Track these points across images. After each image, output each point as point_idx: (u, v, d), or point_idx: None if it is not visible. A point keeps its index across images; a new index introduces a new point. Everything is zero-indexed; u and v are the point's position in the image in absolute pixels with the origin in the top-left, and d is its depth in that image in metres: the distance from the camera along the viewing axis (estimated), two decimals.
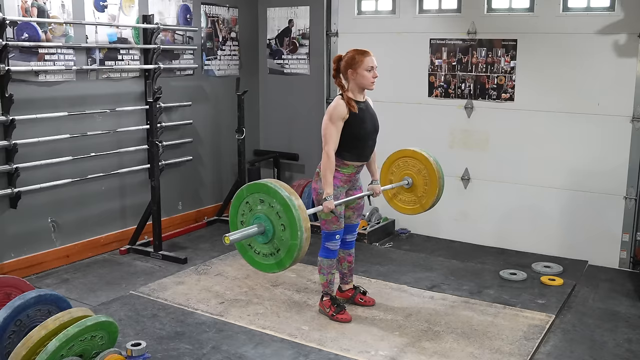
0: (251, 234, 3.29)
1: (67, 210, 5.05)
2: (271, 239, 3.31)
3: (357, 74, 3.88)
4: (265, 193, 3.27)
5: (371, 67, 3.88)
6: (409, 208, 4.54)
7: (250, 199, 3.34)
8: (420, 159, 4.42)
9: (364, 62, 3.86)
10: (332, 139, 3.85)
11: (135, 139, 5.50)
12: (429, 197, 4.44)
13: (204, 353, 3.62)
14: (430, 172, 4.39)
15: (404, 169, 4.50)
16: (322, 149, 3.90)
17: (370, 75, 3.88)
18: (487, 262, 5.25)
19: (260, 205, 3.30)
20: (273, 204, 3.25)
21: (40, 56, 4.68)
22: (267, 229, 3.30)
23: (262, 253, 3.38)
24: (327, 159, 3.83)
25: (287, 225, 3.23)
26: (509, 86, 5.44)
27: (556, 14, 5.17)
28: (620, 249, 5.17)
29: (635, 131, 5.00)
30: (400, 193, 4.55)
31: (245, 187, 3.37)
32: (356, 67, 3.87)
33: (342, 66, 3.93)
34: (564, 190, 5.34)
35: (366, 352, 3.65)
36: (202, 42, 6.14)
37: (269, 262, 3.36)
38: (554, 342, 3.84)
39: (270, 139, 6.89)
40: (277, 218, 3.25)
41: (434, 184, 4.40)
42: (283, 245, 3.28)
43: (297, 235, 3.20)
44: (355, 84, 3.92)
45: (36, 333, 3.00)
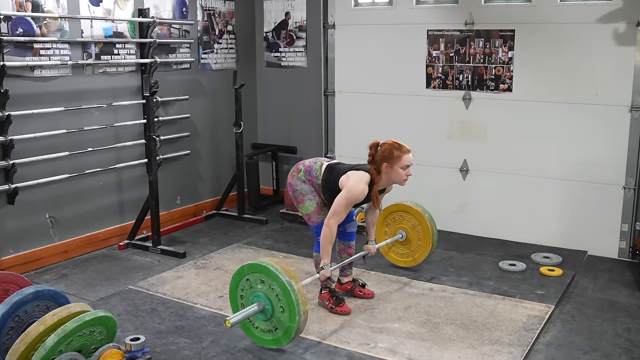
0: (251, 314, 3.39)
1: (65, 205, 5.04)
2: (270, 318, 3.40)
3: (391, 170, 3.79)
4: (266, 275, 3.35)
5: (407, 165, 3.79)
6: (403, 260, 4.76)
7: (251, 277, 3.41)
8: (416, 215, 4.60)
9: (402, 159, 3.76)
10: (339, 216, 3.81)
11: (132, 134, 5.48)
12: (421, 252, 4.65)
13: (203, 347, 3.62)
14: (424, 229, 4.58)
15: (399, 222, 4.69)
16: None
17: (404, 173, 3.80)
18: (486, 253, 5.25)
19: (260, 285, 3.39)
20: (273, 286, 3.33)
21: (36, 51, 4.66)
22: (267, 308, 3.38)
23: (260, 328, 3.48)
24: (329, 231, 3.79)
25: (286, 309, 3.31)
26: (507, 77, 5.43)
27: (554, 4, 5.14)
28: (620, 239, 5.16)
29: (634, 121, 4.99)
30: (395, 246, 4.75)
31: (247, 265, 3.43)
32: (392, 163, 3.77)
33: (378, 157, 3.82)
34: (562, 181, 5.33)
35: (365, 344, 3.65)
36: (199, 36, 6.11)
37: (267, 338, 3.47)
38: (554, 333, 3.84)
39: (268, 132, 6.88)
40: (276, 300, 3.34)
41: (427, 240, 4.59)
42: (281, 326, 3.38)
43: (295, 319, 3.30)
44: (387, 177, 3.84)
45: (34, 329, 2.99)
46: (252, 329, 3.51)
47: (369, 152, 3.87)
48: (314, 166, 4.03)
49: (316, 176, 3.98)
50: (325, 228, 3.81)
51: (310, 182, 4.00)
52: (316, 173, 3.99)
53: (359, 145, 5.01)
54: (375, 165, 3.84)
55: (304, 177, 4.02)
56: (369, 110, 6.12)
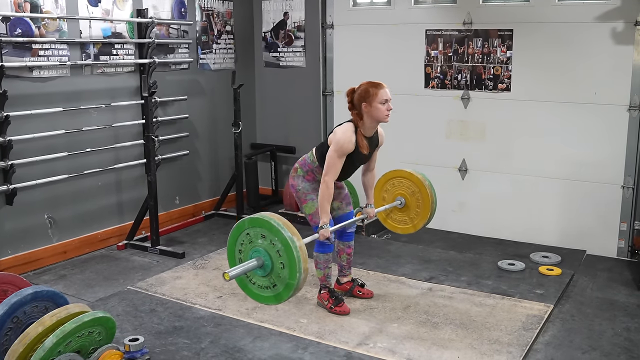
0: (250, 269, 3.31)
1: (64, 206, 5.03)
2: (269, 273, 3.33)
3: (371, 108, 3.79)
4: (268, 230, 3.28)
5: (385, 100, 3.79)
6: (401, 227, 4.62)
7: (252, 231, 3.35)
8: (416, 182, 4.47)
9: (378, 95, 3.77)
10: (333, 170, 3.80)
11: (131, 134, 5.48)
12: (420, 219, 4.52)
13: (202, 347, 3.62)
14: (423, 196, 4.46)
15: (398, 188, 4.56)
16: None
17: (384, 108, 3.79)
18: (485, 253, 5.25)
19: (261, 240, 3.32)
20: (274, 241, 3.26)
21: (34, 52, 4.66)
22: (266, 263, 3.32)
23: (258, 284, 3.41)
24: (326, 188, 3.78)
25: (287, 265, 3.25)
26: (506, 76, 5.43)
27: (552, 3, 5.14)
28: (619, 238, 5.16)
29: (632, 120, 4.99)
30: (393, 212, 4.63)
31: (248, 219, 3.36)
32: (370, 100, 3.78)
33: (356, 99, 3.83)
34: (561, 180, 5.34)
35: (365, 344, 3.65)
36: (197, 36, 6.11)
37: (266, 295, 3.39)
38: (553, 332, 3.84)
39: (266, 132, 6.87)
40: (277, 256, 3.28)
41: (426, 207, 4.47)
42: (281, 282, 3.31)
43: (295, 276, 3.23)
44: (369, 117, 3.84)
45: (33, 330, 2.98)
46: (249, 285, 3.42)
47: (347, 99, 3.90)
48: (306, 156, 4.06)
49: (311, 161, 3.99)
50: (322, 185, 3.80)
51: (310, 174, 3.99)
52: (310, 159, 4.01)
53: None
54: (356, 109, 3.85)
55: (302, 173, 4.02)
56: None
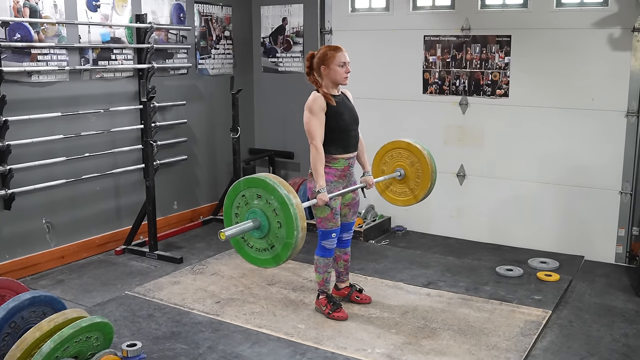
0: (247, 229, 3.25)
1: (62, 211, 5.03)
2: (266, 235, 3.28)
3: (329, 70, 3.89)
4: (264, 189, 3.24)
5: (343, 62, 3.89)
6: (401, 199, 4.53)
7: (247, 192, 3.30)
8: (414, 151, 4.40)
9: (336, 57, 3.88)
10: (317, 131, 3.84)
11: (129, 139, 5.48)
12: (421, 189, 4.43)
13: (200, 353, 3.61)
14: (423, 166, 4.38)
15: (397, 159, 4.48)
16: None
17: (342, 71, 3.89)
18: (483, 259, 5.25)
19: (257, 200, 3.27)
20: (270, 200, 3.21)
21: (33, 56, 4.66)
22: (263, 224, 3.26)
23: (255, 247, 3.35)
24: (316, 151, 3.82)
25: (284, 224, 3.20)
26: (504, 82, 5.44)
27: (550, 10, 5.16)
28: (616, 244, 5.17)
29: (630, 126, 5.00)
30: (393, 184, 4.54)
31: (243, 180, 3.32)
32: (328, 62, 3.88)
33: (315, 63, 3.94)
34: (559, 186, 5.34)
35: (363, 349, 3.65)
36: (196, 41, 6.12)
37: (264, 257, 3.33)
38: (551, 338, 3.84)
39: (265, 138, 6.88)
40: (273, 215, 3.22)
41: (426, 177, 4.39)
42: (278, 242, 3.25)
43: (293, 234, 3.18)
44: (328, 80, 3.92)
45: (30, 335, 2.98)
46: (246, 248, 3.39)
47: (306, 63, 4.00)
48: None
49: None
50: (311, 149, 3.84)
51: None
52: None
53: None
54: (316, 72, 3.95)
55: None
56: (366, 115, 6.05)
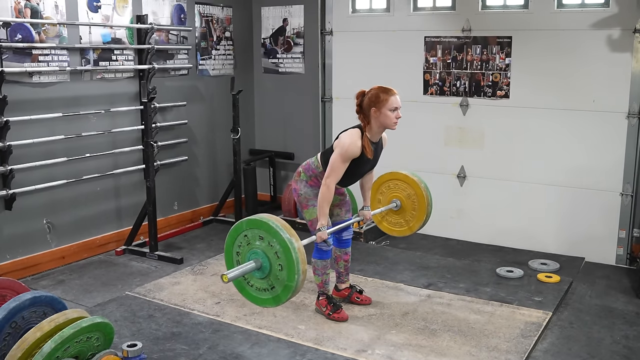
0: (248, 270, 3.29)
1: (63, 211, 5.03)
2: (267, 275, 3.32)
3: (380, 114, 3.76)
4: (266, 231, 3.27)
5: (395, 107, 3.76)
6: (397, 230, 4.61)
7: (249, 233, 3.33)
8: (411, 183, 4.45)
9: (389, 101, 3.74)
10: (336, 174, 3.78)
11: (130, 140, 5.48)
12: (416, 221, 4.50)
13: (200, 353, 3.61)
14: (419, 198, 4.44)
15: (393, 190, 4.54)
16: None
17: (393, 116, 3.77)
18: (483, 260, 5.25)
19: (259, 241, 3.31)
20: (273, 243, 3.25)
21: (34, 57, 4.66)
22: (264, 265, 3.30)
23: (256, 287, 3.39)
24: (327, 190, 3.77)
25: (285, 267, 3.24)
26: (504, 83, 5.44)
27: (551, 11, 5.17)
28: (617, 246, 5.16)
29: (631, 127, 5.00)
30: (389, 215, 4.62)
31: (246, 220, 3.35)
32: (380, 106, 3.75)
33: (365, 103, 3.80)
34: (560, 187, 5.34)
35: (363, 351, 3.65)
36: (197, 42, 6.12)
37: (264, 297, 3.38)
38: (551, 340, 3.84)
39: (265, 138, 6.88)
40: (275, 257, 3.26)
41: (422, 210, 4.45)
42: (279, 284, 3.29)
43: (294, 277, 3.22)
44: (377, 123, 3.81)
45: (31, 335, 2.98)
46: (247, 287, 3.40)
47: (356, 101, 3.86)
48: (310, 161, 4.05)
49: (316, 166, 3.98)
50: (322, 187, 3.78)
51: (313, 179, 3.98)
52: (315, 164, 4.00)
53: None
54: (364, 113, 3.82)
55: (306, 178, 4.02)
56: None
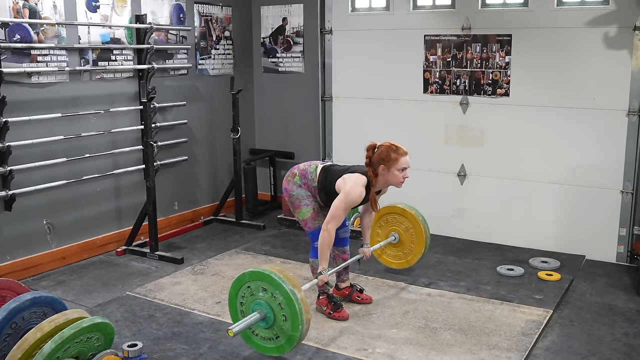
0: (253, 322, 3.34)
1: (63, 211, 5.03)
2: (272, 325, 3.36)
3: (388, 172, 3.78)
4: (269, 283, 3.31)
5: (404, 167, 3.78)
6: (396, 262, 4.72)
7: (252, 284, 3.37)
8: (409, 217, 4.56)
9: (399, 162, 3.76)
10: (337, 220, 3.78)
11: (130, 140, 5.47)
12: (414, 255, 4.61)
13: (200, 353, 3.61)
14: (417, 232, 4.54)
15: (392, 224, 4.65)
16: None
17: (401, 175, 3.79)
18: (484, 258, 5.24)
19: (262, 293, 3.35)
20: (276, 294, 3.29)
21: (33, 57, 4.66)
22: (268, 316, 3.35)
23: (261, 336, 3.44)
24: (328, 236, 3.77)
25: (289, 317, 3.28)
26: (504, 81, 5.44)
27: (550, 9, 5.16)
28: (618, 243, 5.16)
29: (631, 125, 4.99)
30: (388, 248, 4.72)
31: (248, 273, 3.38)
32: (389, 165, 3.77)
33: (375, 159, 3.81)
34: (560, 185, 5.34)
35: (364, 349, 3.65)
36: (196, 42, 6.11)
37: (269, 346, 3.43)
38: (552, 338, 3.83)
39: (265, 138, 6.88)
40: (279, 308, 3.31)
41: (420, 243, 4.55)
42: (283, 334, 3.34)
43: (298, 328, 3.27)
44: (384, 179, 3.83)
45: (31, 335, 2.98)
46: (252, 337, 3.48)
47: (366, 154, 3.87)
48: (308, 169, 4.03)
49: (312, 179, 3.98)
50: (323, 233, 3.78)
51: (306, 186, 3.99)
52: (311, 176, 3.98)
53: (356, 151, 5.00)
54: (373, 167, 3.83)
55: (299, 182, 4.01)
56: (366, 115, 6.13)
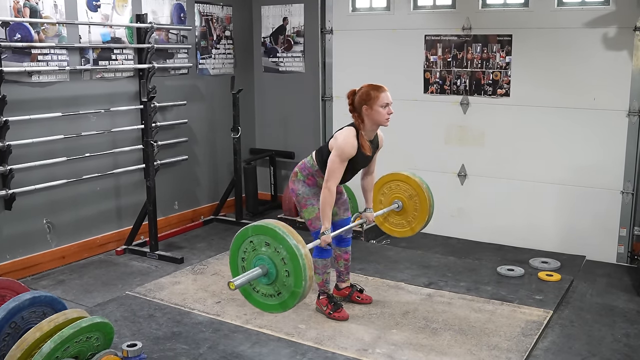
0: (255, 277, 3.27)
1: (63, 211, 5.03)
2: (274, 282, 3.30)
3: (372, 111, 3.78)
4: (272, 237, 3.25)
5: (386, 103, 3.78)
6: (399, 231, 4.59)
7: (255, 239, 3.31)
8: (413, 184, 4.43)
9: (380, 98, 3.76)
10: (335, 176, 3.78)
11: (130, 139, 5.47)
12: (418, 222, 4.48)
13: (200, 353, 3.61)
14: (421, 199, 4.42)
15: (395, 192, 4.53)
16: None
17: (385, 112, 3.78)
18: (484, 259, 5.24)
19: (265, 247, 3.29)
20: (279, 249, 3.24)
21: (33, 57, 4.66)
22: (271, 271, 3.29)
23: (262, 293, 3.37)
24: (329, 194, 3.76)
25: (292, 273, 3.22)
26: (505, 82, 5.43)
27: (551, 9, 5.15)
28: (618, 244, 5.16)
29: (631, 125, 4.99)
30: (391, 216, 4.60)
31: (252, 227, 3.33)
32: (371, 103, 3.77)
33: (357, 102, 3.82)
34: (560, 186, 5.33)
35: (363, 350, 3.64)
36: (197, 41, 6.11)
37: (271, 303, 3.36)
38: (552, 338, 3.83)
39: (265, 137, 6.87)
40: (282, 263, 3.25)
41: (424, 211, 4.43)
42: (285, 290, 3.28)
43: (301, 284, 3.20)
44: (370, 120, 3.83)
45: (31, 335, 2.97)
46: (253, 293, 3.38)
47: (348, 101, 3.89)
48: (305, 160, 4.06)
49: (311, 165, 3.99)
50: (324, 191, 3.78)
51: (311, 178, 3.99)
52: (310, 163, 4.01)
53: None
54: (357, 112, 3.85)
55: (302, 177, 4.02)
56: None
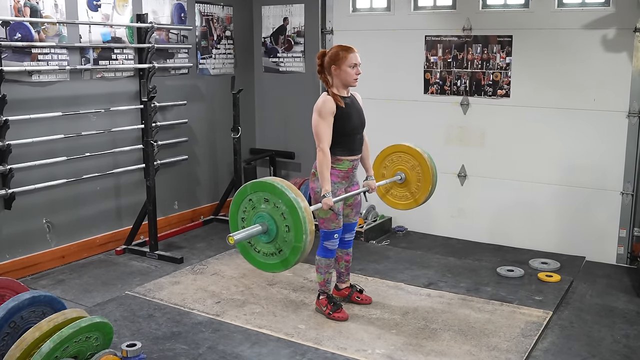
0: (255, 233, 3.23)
1: (62, 210, 5.03)
2: (274, 239, 3.25)
3: (340, 71, 3.86)
4: (271, 193, 3.21)
5: (354, 63, 3.85)
6: (402, 203, 4.52)
7: (254, 196, 3.27)
8: (415, 155, 4.39)
9: (348, 58, 3.84)
10: (325, 135, 3.81)
11: (130, 139, 5.47)
12: (421, 193, 4.42)
13: (200, 353, 3.61)
14: (424, 169, 4.37)
15: (397, 163, 4.48)
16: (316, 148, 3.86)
17: (353, 72, 3.86)
18: (484, 259, 5.24)
19: (264, 204, 3.24)
20: (278, 204, 3.19)
21: (34, 56, 4.66)
22: (271, 228, 3.24)
23: (263, 252, 3.32)
24: (323, 155, 3.79)
25: (292, 227, 3.18)
26: (505, 82, 5.43)
27: (551, 10, 5.16)
28: (618, 245, 5.16)
29: (631, 126, 4.99)
30: (393, 188, 4.53)
31: (250, 184, 3.29)
32: (340, 63, 3.85)
33: (326, 62, 3.90)
34: (560, 186, 5.33)
35: (363, 350, 3.64)
36: (197, 41, 6.11)
37: (272, 262, 3.31)
38: (552, 339, 3.83)
39: (266, 138, 6.87)
40: (281, 219, 3.20)
41: (427, 180, 4.38)
42: (287, 247, 3.23)
43: (302, 238, 3.16)
44: (338, 80, 3.90)
45: (30, 335, 2.97)
46: (253, 253, 3.36)
47: (317, 62, 3.97)
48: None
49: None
50: (318, 153, 3.81)
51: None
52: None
53: None
54: (326, 71, 3.92)
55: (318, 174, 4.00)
56: (367, 115, 6.10)
